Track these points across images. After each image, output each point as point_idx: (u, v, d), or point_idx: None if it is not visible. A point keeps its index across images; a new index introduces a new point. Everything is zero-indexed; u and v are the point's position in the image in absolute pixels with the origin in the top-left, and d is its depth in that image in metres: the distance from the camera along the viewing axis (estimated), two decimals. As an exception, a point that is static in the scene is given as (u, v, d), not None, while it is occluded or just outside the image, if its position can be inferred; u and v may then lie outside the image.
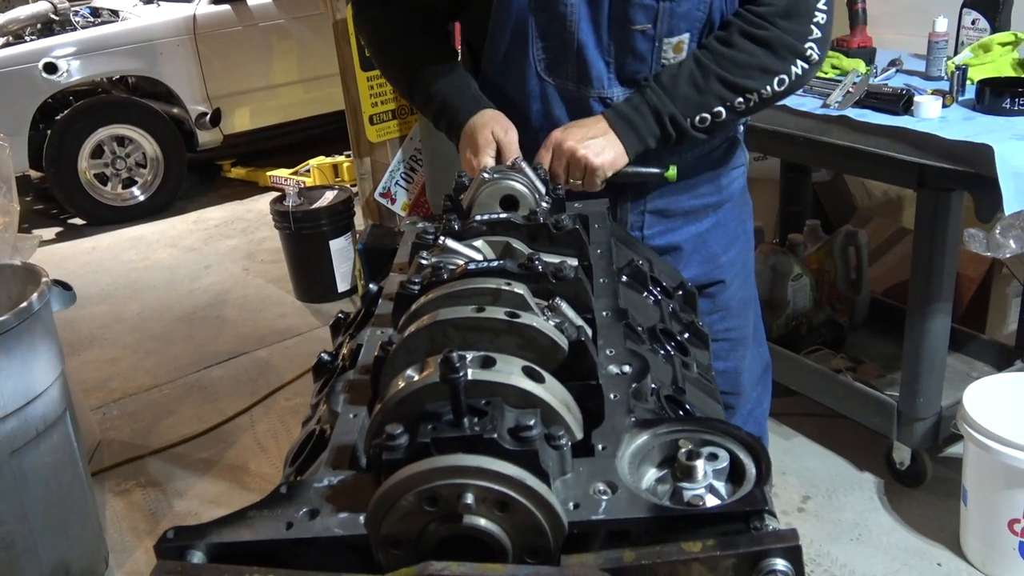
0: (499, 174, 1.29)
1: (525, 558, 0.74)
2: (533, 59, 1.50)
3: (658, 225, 1.62)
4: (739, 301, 1.71)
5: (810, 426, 2.93)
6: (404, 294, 1.02)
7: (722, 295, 1.68)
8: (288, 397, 3.48)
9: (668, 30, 1.45)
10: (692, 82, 1.44)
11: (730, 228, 1.68)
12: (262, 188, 5.96)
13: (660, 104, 1.44)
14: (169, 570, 0.71)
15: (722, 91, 1.44)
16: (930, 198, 2.28)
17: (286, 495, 0.78)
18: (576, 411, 0.87)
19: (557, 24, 1.46)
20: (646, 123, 1.45)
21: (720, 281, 1.67)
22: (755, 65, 1.44)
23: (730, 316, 1.68)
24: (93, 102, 5.60)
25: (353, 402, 0.93)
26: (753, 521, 0.75)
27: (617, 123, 1.45)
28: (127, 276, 4.88)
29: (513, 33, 1.49)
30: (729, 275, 1.68)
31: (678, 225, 1.63)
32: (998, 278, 3.02)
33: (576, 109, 1.52)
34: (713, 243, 1.65)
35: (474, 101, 1.52)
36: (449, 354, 0.73)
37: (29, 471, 2.25)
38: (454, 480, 0.70)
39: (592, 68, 1.48)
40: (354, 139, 3.60)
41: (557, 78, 1.51)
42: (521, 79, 1.53)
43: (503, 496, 0.71)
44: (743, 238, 1.73)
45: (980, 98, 2.27)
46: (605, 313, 1.07)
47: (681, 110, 1.44)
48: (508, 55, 1.52)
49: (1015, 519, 2.17)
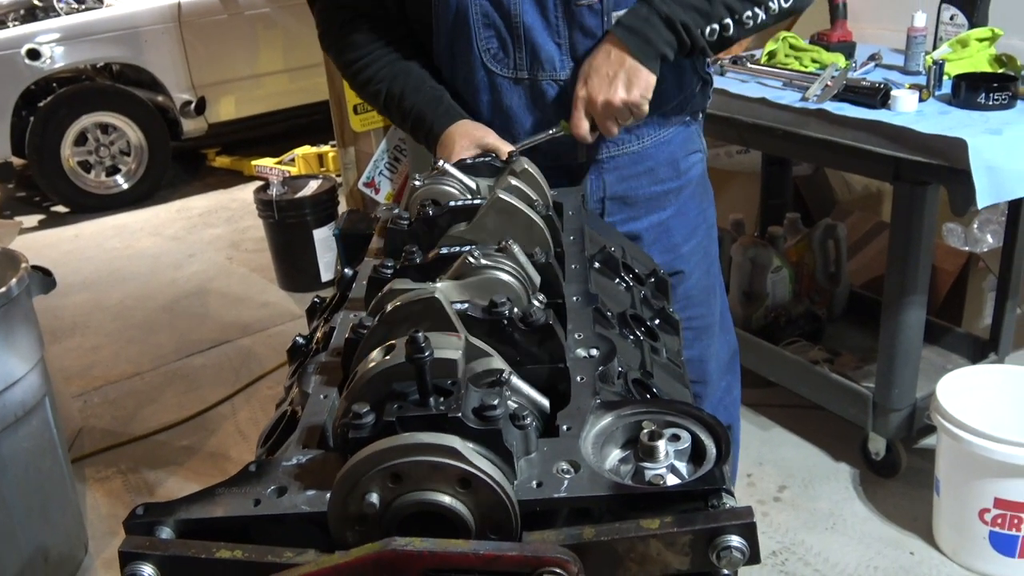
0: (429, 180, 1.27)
1: (488, 534, 0.76)
2: (478, 50, 1.48)
3: (619, 213, 1.62)
4: (701, 290, 1.71)
5: (787, 417, 2.96)
6: (377, 278, 1.03)
7: (682, 285, 1.67)
8: (270, 385, 3.48)
9: (615, 3, 1.43)
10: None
11: (690, 217, 1.68)
12: (247, 177, 5.94)
13: (670, 11, 1.38)
14: (137, 545, 0.72)
15: (732, 2, 1.40)
16: (906, 191, 2.30)
17: (255, 473, 0.80)
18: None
19: (500, 11, 1.44)
20: (659, 33, 1.39)
21: (680, 271, 1.66)
22: None
23: (692, 305, 1.68)
24: (77, 89, 5.57)
25: (324, 383, 0.95)
26: (711, 499, 0.77)
27: (630, 41, 1.39)
28: (110, 264, 4.87)
29: (454, 25, 1.47)
30: (689, 265, 1.68)
31: (640, 213, 1.62)
32: (975, 272, 3.06)
33: (529, 96, 1.50)
34: (675, 232, 1.65)
35: (447, 113, 1.51)
36: (415, 334, 0.75)
37: (8, 456, 2.25)
38: (412, 458, 0.72)
39: (542, 51, 1.46)
40: (338, 128, 3.61)
41: (505, 67, 1.49)
42: (468, 71, 1.51)
43: (464, 473, 0.72)
44: (703, 227, 1.72)
45: (956, 92, 2.29)
46: (575, 298, 1.09)
47: (692, 19, 1.39)
48: (452, 48, 1.50)
49: (985, 508, 2.20)
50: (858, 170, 2.75)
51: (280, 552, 0.73)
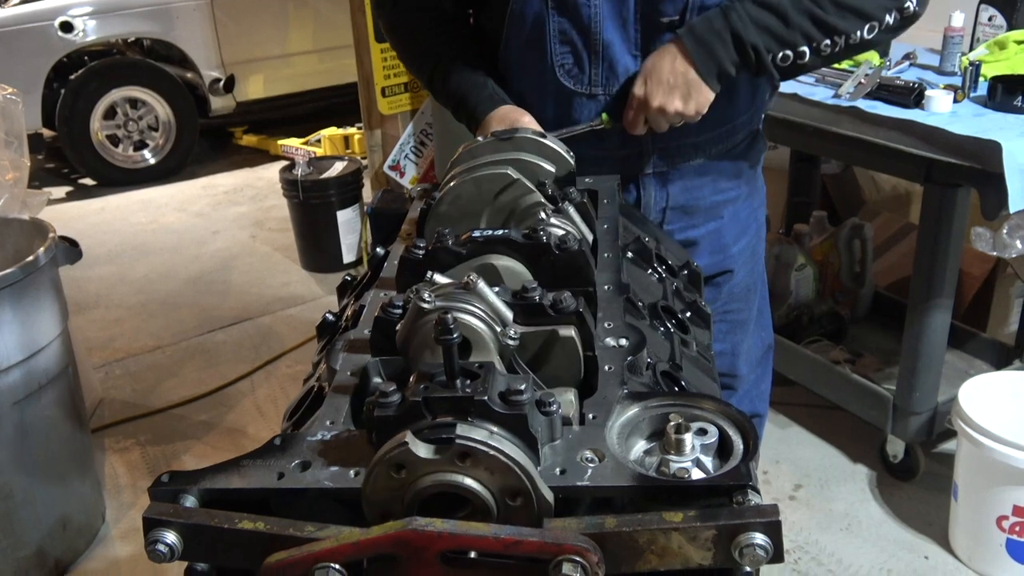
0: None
1: (510, 519, 0.76)
2: (552, 63, 1.45)
3: (678, 222, 1.59)
4: (743, 288, 1.70)
5: (806, 416, 2.94)
6: (408, 258, 1.03)
7: (727, 284, 1.67)
8: (289, 364, 3.50)
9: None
10: (781, 14, 1.35)
11: (742, 219, 1.66)
12: (272, 157, 5.96)
13: (743, 30, 1.34)
14: (161, 512, 0.73)
15: (811, 30, 1.35)
16: (936, 193, 2.28)
17: (279, 447, 0.80)
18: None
19: (579, 28, 1.41)
20: (727, 50, 1.36)
21: (728, 271, 1.66)
22: (852, 6, 1.35)
23: (732, 300, 1.68)
24: (107, 63, 5.60)
25: (352, 361, 0.95)
26: (736, 495, 0.77)
27: (696, 54, 1.36)
28: (135, 238, 4.90)
29: (528, 40, 1.44)
30: (737, 264, 1.67)
31: (699, 222, 1.60)
32: (1002, 278, 3.02)
33: (595, 111, 1.48)
34: (726, 235, 1.64)
35: (490, 98, 1.49)
36: (444, 315, 0.74)
37: (30, 423, 2.28)
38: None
39: (619, 65, 1.44)
40: (365, 111, 3.60)
41: (579, 83, 1.46)
42: (538, 84, 1.48)
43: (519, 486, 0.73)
44: (754, 226, 1.71)
45: (992, 95, 2.26)
46: (607, 287, 1.08)
47: (764, 42, 1.35)
48: (522, 60, 1.48)
49: (1003, 516, 2.18)
50: (889, 170, 2.72)
51: (302, 526, 0.73)
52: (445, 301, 0.88)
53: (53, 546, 2.40)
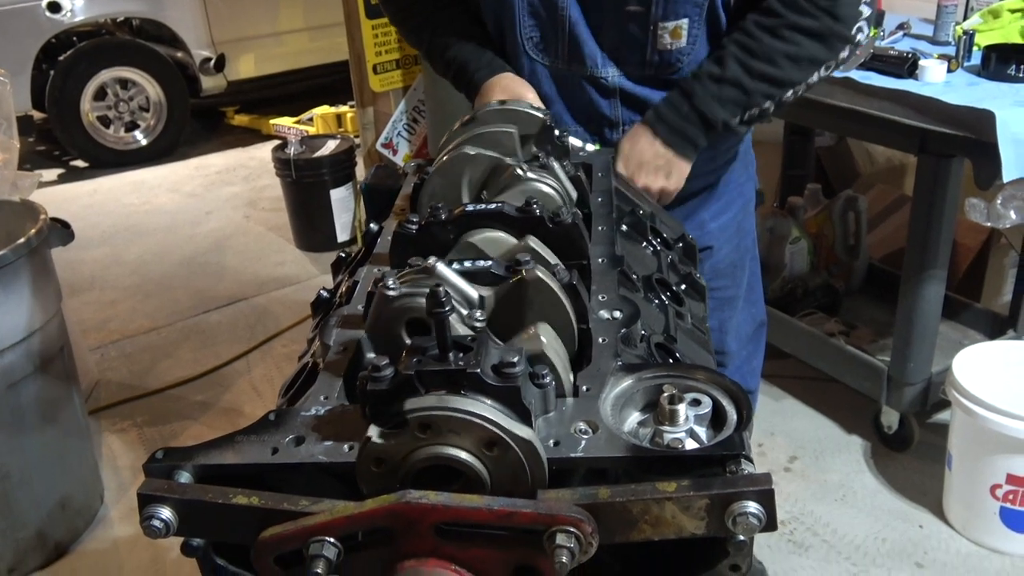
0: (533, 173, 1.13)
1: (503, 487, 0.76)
2: (521, 37, 1.48)
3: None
4: (728, 264, 1.69)
5: (801, 388, 2.96)
6: (402, 233, 1.03)
7: (709, 260, 1.66)
8: (285, 344, 3.50)
9: (663, 14, 1.40)
10: (738, 85, 1.40)
11: (724, 195, 1.66)
12: (265, 136, 5.94)
13: (708, 111, 1.41)
14: (156, 488, 0.73)
15: (768, 89, 1.40)
16: (930, 164, 2.27)
17: (274, 422, 0.80)
18: (564, 352, 0.89)
19: (545, 2, 1.44)
20: (697, 129, 1.42)
21: (708, 247, 1.65)
22: (804, 57, 1.38)
23: (716, 276, 1.67)
24: (97, 43, 5.56)
25: (346, 337, 0.94)
26: (729, 465, 0.77)
27: (671, 139, 1.43)
28: (128, 220, 4.88)
29: (499, 11, 1.47)
30: (719, 241, 1.66)
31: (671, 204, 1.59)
32: (996, 248, 3.03)
33: (566, 88, 1.51)
34: (704, 210, 1.63)
35: (489, 64, 1.51)
36: (436, 288, 0.74)
37: (26, 405, 2.28)
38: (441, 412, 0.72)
39: (584, 46, 1.46)
40: (357, 88, 3.59)
41: (547, 56, 1.49)
42: (511, 55, 1.51)
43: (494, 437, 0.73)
44: (739, 201, 1.70)
45: (985, 64, 2.25)
46: (600, 259, 1.08)
47: (729, 113, 1.41)
48: (496, 30, 1.51)
49: (997, 484, 2.20)
50: (883, 141, 2.71)
51: (296, 500, 0.73)
52: (410, 287, 0.86)
53: (52, 527, 2.41)
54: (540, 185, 1.11)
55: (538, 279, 0.88)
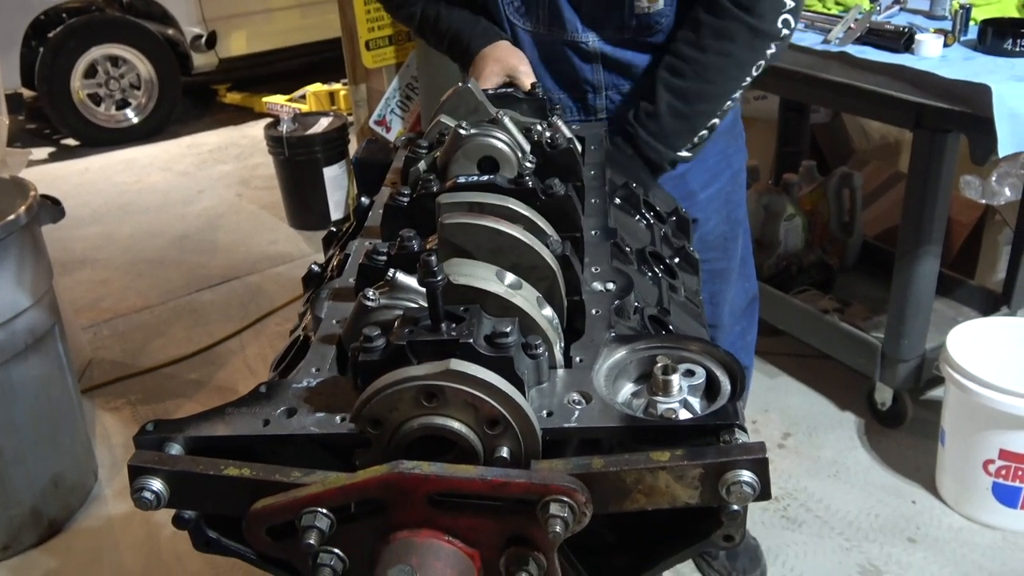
0: (477, 129, 1.12)
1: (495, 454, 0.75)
2: (502, 2, 1.49)
3: None
4: (718, 236, 1.69)
5: (794, 365, 2.96)
6: (393, 206, 1.02)
7: (698, 232, 1.65)
8: (278, 322, 3.49)
9: None
10: (676, 115, 1.40)
11: (711, 163, 1.65)
12: (257, 114, 5.89)
13: (657, 156, 1.43)
14: (147, 460, 0.72)
15: (706, 108, 1.41)
16: (926, 139, 2.26)
17: (265, 394, 0.79)
18: (556, 322, 0.88)
19: None
20: (648, 176, 1.44)
21: (695, 219, 1.63)
22: (730, 66, 1.38)
23: (706, 249, 1.66)
24: (86, 20, 5.50)
25: (337, 309, 0.94)
26: (723, 435, 0.77)
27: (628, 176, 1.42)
28: (119, 198, 4.85)
29: None
30: (706, 212, 1.66)
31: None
32: (990, 225, 3.03)
33: (548, 54, 1.51)
34: (691, 180, 1.63)
35: (484, 33, 1.51)
36: (427, 258, 0.73)
37: (18, 384, 2.27)
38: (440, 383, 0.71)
39: (564, 11, 1.46)
40: (350, 65, 3.56)
41: (529, 22, 1.49)
42: (497, 19, 1.52)
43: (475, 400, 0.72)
44: (727, 173, 1.69)
45: (982, 38, 2.24)
46: (594, 232, 1.07)
47: (675, 145, 1.42)
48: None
49: (989, 459, 2.21)
50: (879, 116, 2.70)
51: (288, 472, 0.73)
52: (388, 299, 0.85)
53: (46, 505, 2.41)
54: (487, 140, 1.09)
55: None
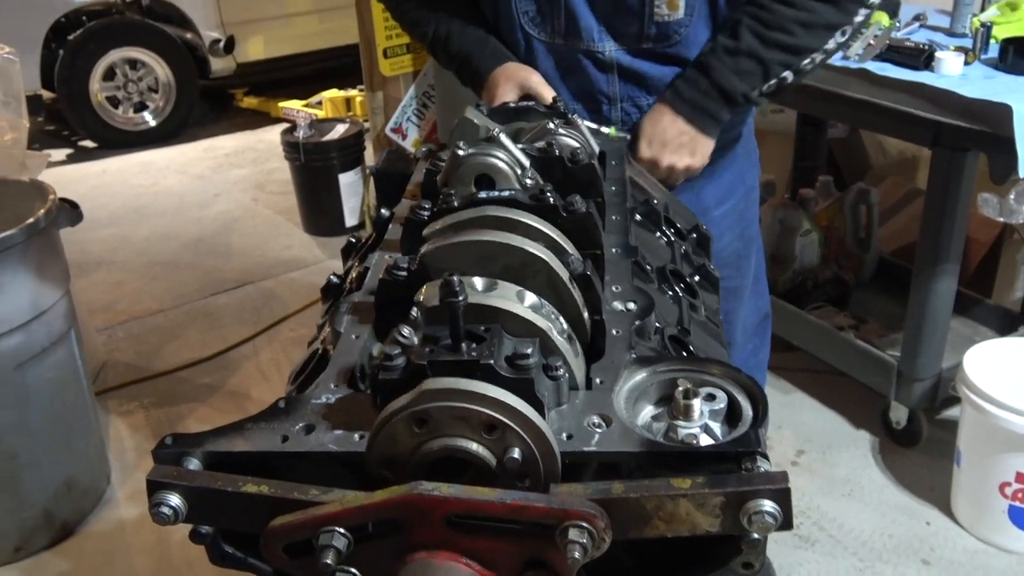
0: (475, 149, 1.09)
1: (515, 484, 0.75)
2: (516, 11, 1.47)
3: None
4: (732, 253, 1.67)
5: (809, 382, 2.94)
6: (413, 219, 1.02)
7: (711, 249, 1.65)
8: (292, 328, 3.50)
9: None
10: (754, 55, 1.39)
11: (726, 180, 1.64)
12: (273, 119, 5.92)
13: (727, 84, 1.40)
14: (165, 475, 0.72)
15: (785, 58, 1.39)
16: (945, 157, 2.25)
17: (284, 409, 0.79)
18: (577, 344, 0.87)
19: None
20: (717, 105, 1.42)
21: None
22: (819, 23, 1.37)
23: (720, 266, 1.65)
24: (106, 23, 5.54)
25: (356, 323, 0.93)
26: (745, 462, 0.76)
27: (692, 116, 1.43)
28: (136, 201, 4.88)
29: None
30: (720, 229, 1.63)
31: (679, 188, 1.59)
32: (1008, 244, 3.01)
33: (563, 64, 1.49)
34: (706, 196, 1.61)
35: (493, 54, 1.50)
36: (449, 277, 0.73)
37: (33, 386, 2.27)
38: (446, 403, 0.71)
39: (581, 20, 1.44)
40: (367, 72, 3.56)
41: (543, 31, 1.48)
42: (507, 32, 1.50)
43: (494, 421, 0.71)
44: (741, 190, 1.68)
45: (1003, 57, 2.23)
46: (614, 250, 1.07)
47: (748, 85, 1.41)
48: (490, 6, 1.50)
49: (1006, 482, 2.19)
50: (897, 133, 2.69)
51: (306, 490, 0.72)
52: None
53: (59, 507, 2.42)
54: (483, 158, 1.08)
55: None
